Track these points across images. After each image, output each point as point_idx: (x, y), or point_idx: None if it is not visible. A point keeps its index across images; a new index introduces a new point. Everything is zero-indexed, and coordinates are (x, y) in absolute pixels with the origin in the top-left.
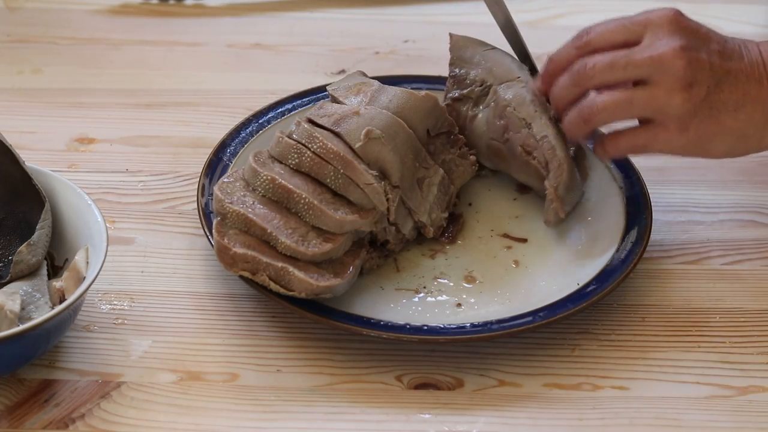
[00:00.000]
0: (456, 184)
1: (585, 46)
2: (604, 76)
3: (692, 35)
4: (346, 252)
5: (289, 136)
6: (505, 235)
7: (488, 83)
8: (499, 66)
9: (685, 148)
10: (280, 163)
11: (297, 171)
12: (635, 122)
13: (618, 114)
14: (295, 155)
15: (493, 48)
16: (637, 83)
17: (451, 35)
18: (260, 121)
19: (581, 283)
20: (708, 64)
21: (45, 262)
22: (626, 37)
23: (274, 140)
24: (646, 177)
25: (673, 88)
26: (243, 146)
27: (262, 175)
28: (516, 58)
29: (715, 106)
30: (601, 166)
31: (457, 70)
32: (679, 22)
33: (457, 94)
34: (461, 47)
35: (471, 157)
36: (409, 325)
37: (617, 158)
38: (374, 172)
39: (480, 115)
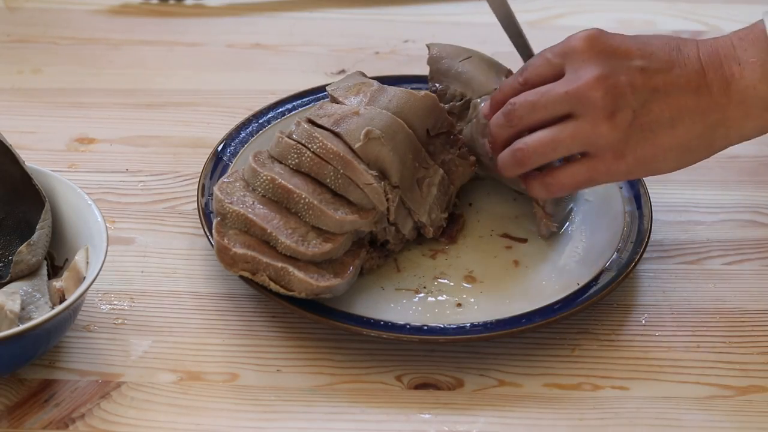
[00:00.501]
0: (456, 184)
1: (524, 83)
2: (531, 116)
3: (610, 58)
4: (346, 252)
5: (289, 136)
6: (505, 235)
7: (467, 97)
8: (475, 78)
9: (629, 173)
10: (280, 163)
11: (297, 171)
12: None
13: (549, 154)
14: (295, 155)
15: (469, 56)
16: (566, 117)
17: (428, 47)
18: (260, 121)
19: (581, 283)
20: (629, 87)
21: (45, 262)
22: (551, 70)
23: (274, 140)
24: (646, 177)
25: (596, 119)
26: (243, 146)
27: (262, 175)
28: (494, 62)
29: (647, 127)
30: None
31: (436, 85)
32: (593, 46)
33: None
34: (438, 60)
35: (471, 157)
36: (409, 325)
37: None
38: (374, 172)
39: (465, 130)
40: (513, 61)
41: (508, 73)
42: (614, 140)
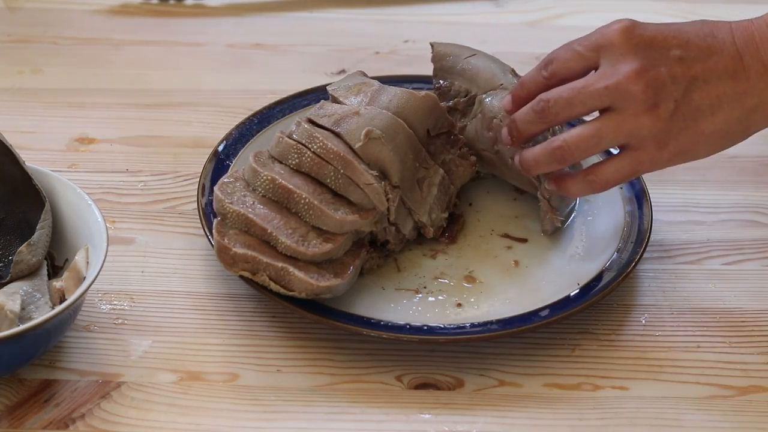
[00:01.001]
0: (456, 184)
1: (551, 76)
2: (566, 112)
3: (647, 49)
4: (346, 252)
5: (290, 136)
6: (506, 235)
7: (472, 93)
8: (481, 74)
9: (670, 161)
10: (281, 163)
11: (297, 171)
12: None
13: (591, 150)
14: (296, 155)
15: (474, 53)
16: (603, 110)
17: (432, 45)
18: (260, 121)
19: (581, 283)
20: (669, 77)
21: (45, 262)
22: (584, 64)
23: (274, 140)
24: (646, 177)
25: (638, 112)
26: (243, 146)
27: (262, 175)
28: (498, 60)
29: (689, 116)
30: None
31: (441, 82)
32: (630, 39)
33: (443, 106)
34: (442, 57)
35: (471, 157)
36: (409, 325)
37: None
38: (374, 172)
39: (469, 126)
40: (513, 60)
41: (512, 70)
42: (657, 131)
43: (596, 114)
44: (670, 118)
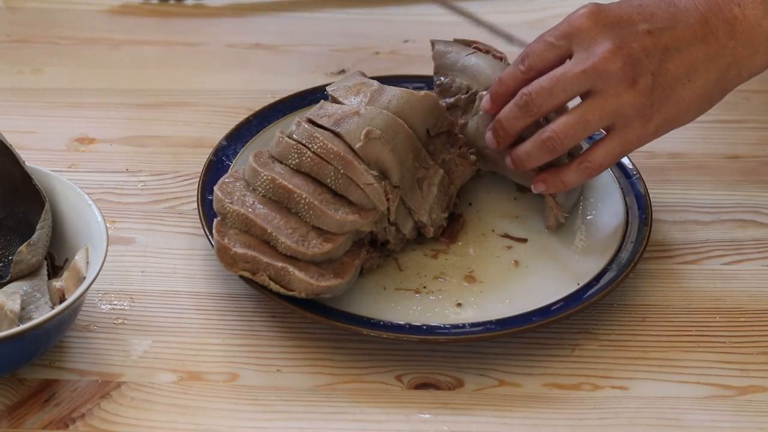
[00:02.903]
0: (456, 184)
1: (528, 70)
2: (549, 102)
3: (615, 28)
4: (346, 252)
5: (290, 136)
6: (505, 235)
7: (473, 90)
8: (481, 71)
9: (657, 133)
10: (281, 163)
11: (297, 171)
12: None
13: (579, 135)
14: (296, 155)
15: (475, 51)
16: (584, 95)
17: (432, 42)
18: (260, 121)
19: (581, 283)
20: (642, 51)
21: (45, 262)
22: (557, 54)
23: (274, 140)
24: (646, 177)
25: (619, 90)
26: (243, 146)
27: (262, 175)
28: (496, 58)
29: (668, 85)
30: None
31: (441, 79)
32: (597, 21)
33: (444, 103)
34: (443, 54)
35: (471, 156)
36: (409, 325)
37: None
38: (374, 172)
39: (470, 123)
40: (512, 60)
41: None
42: (640, 106)
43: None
44: (650, 92)
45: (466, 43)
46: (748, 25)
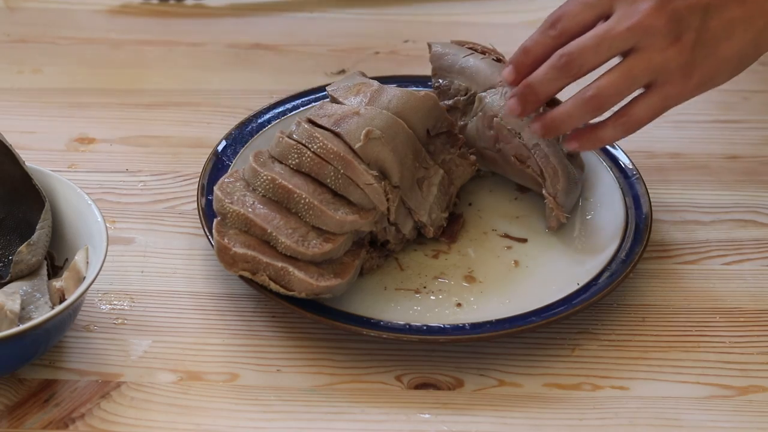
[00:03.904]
0: (456, 184)
1: (560, 34)
2: (592, 60)
3: None
4: (346, 252)
5: (290, 136)
6: (506, 235)
7: (472, 91)
8: (480, 72)
9: (694, 91)
10: (281, 163)
11: (297, 171)
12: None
13: (624, 92)
14: (296, 155)
15: (472, 52)
16: (625, 53)
17: (429, 45)
18: (260, 121)
19: (581, 283)
20: (686, 8)
21: (45, 262)
22: (597, 13)
23: (274, 140)
24: (646, 177)
25: (664, 46)
26: (243, 146)
27: (262, 175)
28: (494, 60)
29: (709, 43)
30: (602, 166)
31: (440, 81)
32: None
33: (443, 105)
34: (440, 56)
35: (471, 156)
36: (409, 325)
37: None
38: (374, 172)
39: (470, 124)
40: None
41: None
42: (683, 62)
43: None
44: (692, 48)
45: (463, 45)
46: None
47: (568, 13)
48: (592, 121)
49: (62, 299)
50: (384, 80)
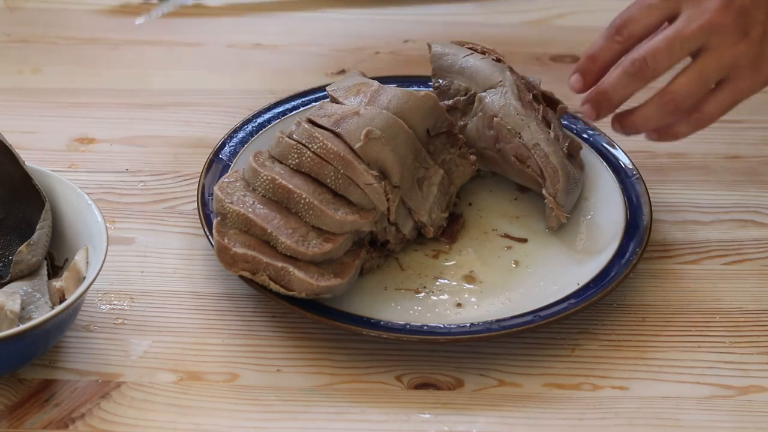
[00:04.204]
0: (456, 184)
1: (627, 39)
2: (666, 63)
3: None
4: (346, 252)
5: (290, 136)
6: (506, 235)
7: (472, 91)
8: (480, 72)
9: (763, 84)
10: (281, 163)
11: (297, 171)
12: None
13: (699, 92)
14: (296, 155)
15: (472, 52)
16: (694, 54)
17: (429, 46)
18: (260, 121)
19: (581, 283)
20: (751, 2)
21: (45, 262)
22: (662, 15)
23: (274, 140)
24: (646, 177)
25: (734, 42)
26: (243, 146)
27: (262, 175)
28: (494, 60)
29: None
30: (602, 166)
31: (440, 81)
32: None
33: (443, 105)
34: (440, 57)
35: (471, 156)
36: (409, 325)
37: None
38: (374, 172)
39: (470, 125)
40: (513, 60)
41: (510, 68)
42: (753, 56)
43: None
44: (760, 41)
45: (463, 45)
46: None
47: (633, 17)
48: None
49: (62, 299)
50: (384, 80)
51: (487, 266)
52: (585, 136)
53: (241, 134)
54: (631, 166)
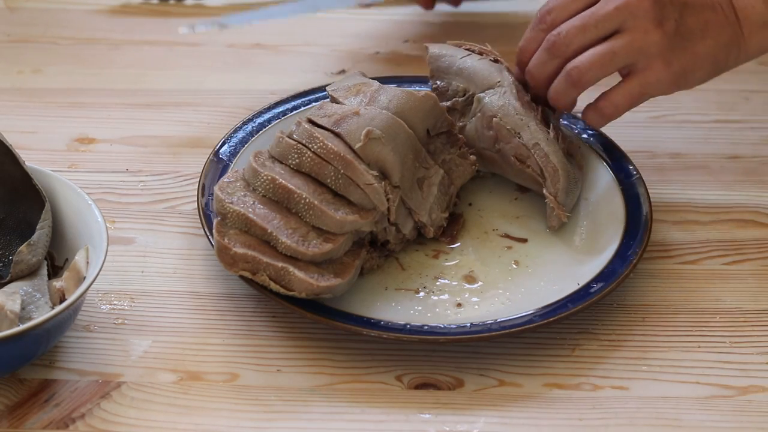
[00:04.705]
0: (456, 184)
1: (551, 27)
2: (579, 39)
3: None
4: (346, 252)
5: (290, 136)
6: (506, 235)
7: (470, 92)
8: (478, 73)
9: (673, 83)
10: (281, 163)
11: (297, 171)
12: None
13: (605, 68)
14: (296, 155)
15: (470, 53)
16: (608, 37)
17: (426, 47)
18: (260, 121)
19: (581, 283)
20: None
21: (45, 262)
22: (585, 3)
23: (274, 140)
24: (646, 177)
25: (648, 28)
26: (243, 146)
27: (262, 175)
28: (491, 60)
29: (686, 36)
30: (602, 166)
31: (438, 82)
32: None
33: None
34: (438, 58)
35: (471, 156)
36: (409, 325)
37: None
38: (374, 173)
39: (469, 125)
40: (511, 61)
41: (508, 68)
42: (663, 47)
43: None
44: (672, 36)
45: (461, 46)
46: (742, 5)
47: (557, 6)
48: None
49: (62, 299)
50: (384, 80)
51: (487, 266)
52: (585, 136)
53: (241, 134)
54: (631, 166)
